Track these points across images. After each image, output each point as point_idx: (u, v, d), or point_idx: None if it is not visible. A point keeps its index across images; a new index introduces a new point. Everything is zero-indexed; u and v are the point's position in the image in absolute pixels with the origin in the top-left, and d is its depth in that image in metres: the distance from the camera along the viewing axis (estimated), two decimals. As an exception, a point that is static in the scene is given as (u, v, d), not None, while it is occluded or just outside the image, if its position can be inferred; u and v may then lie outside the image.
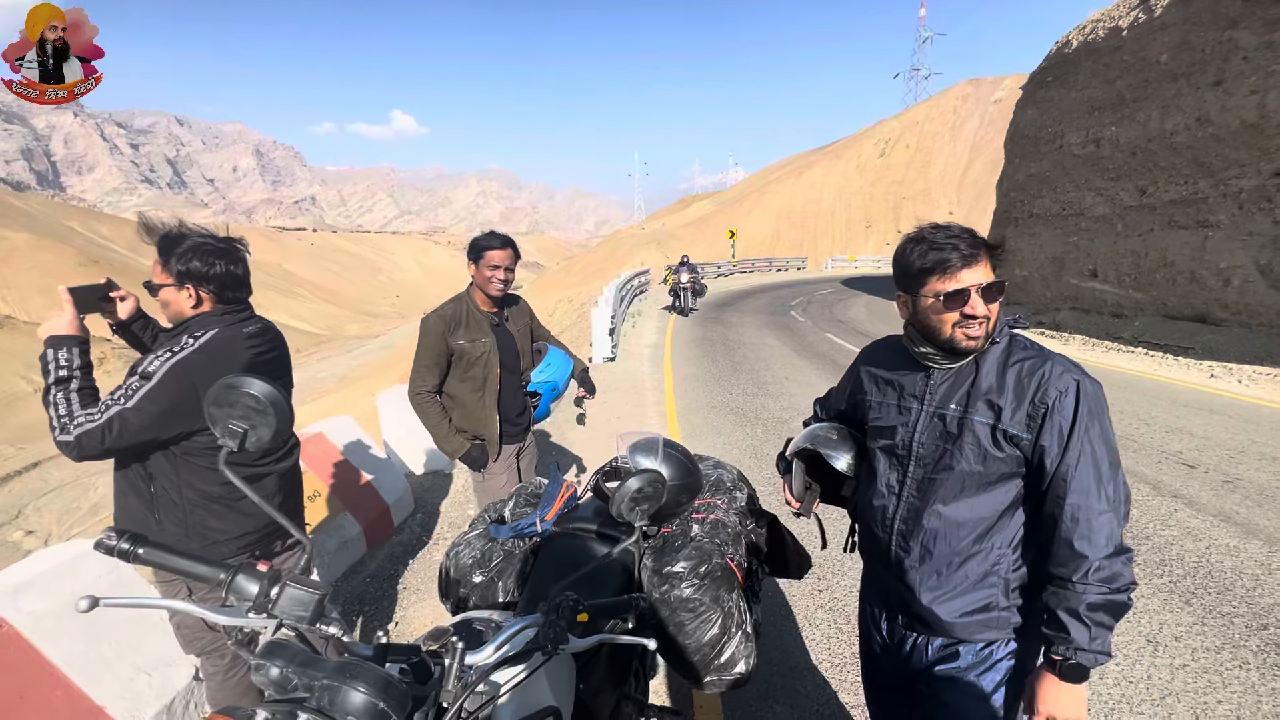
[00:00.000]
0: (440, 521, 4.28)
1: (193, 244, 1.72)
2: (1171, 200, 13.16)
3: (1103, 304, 14.96)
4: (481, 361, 2.73)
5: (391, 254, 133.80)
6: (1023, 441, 1.34)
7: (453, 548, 1.97)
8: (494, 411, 2.79)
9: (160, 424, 1.62)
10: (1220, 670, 2.70)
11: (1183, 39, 12.70)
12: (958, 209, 53.25)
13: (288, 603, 0.88)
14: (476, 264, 2.69)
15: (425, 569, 3.68)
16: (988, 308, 1.33)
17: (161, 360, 1.65)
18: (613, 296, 12.48)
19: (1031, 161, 18.22)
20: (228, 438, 1.02)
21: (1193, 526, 4.08)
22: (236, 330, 1.79)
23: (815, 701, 2.57)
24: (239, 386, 1.02)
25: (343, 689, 0.77)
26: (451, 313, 2.74)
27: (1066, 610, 1.27)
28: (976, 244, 1.33)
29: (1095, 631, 1.25)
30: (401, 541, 3.97)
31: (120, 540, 0.93)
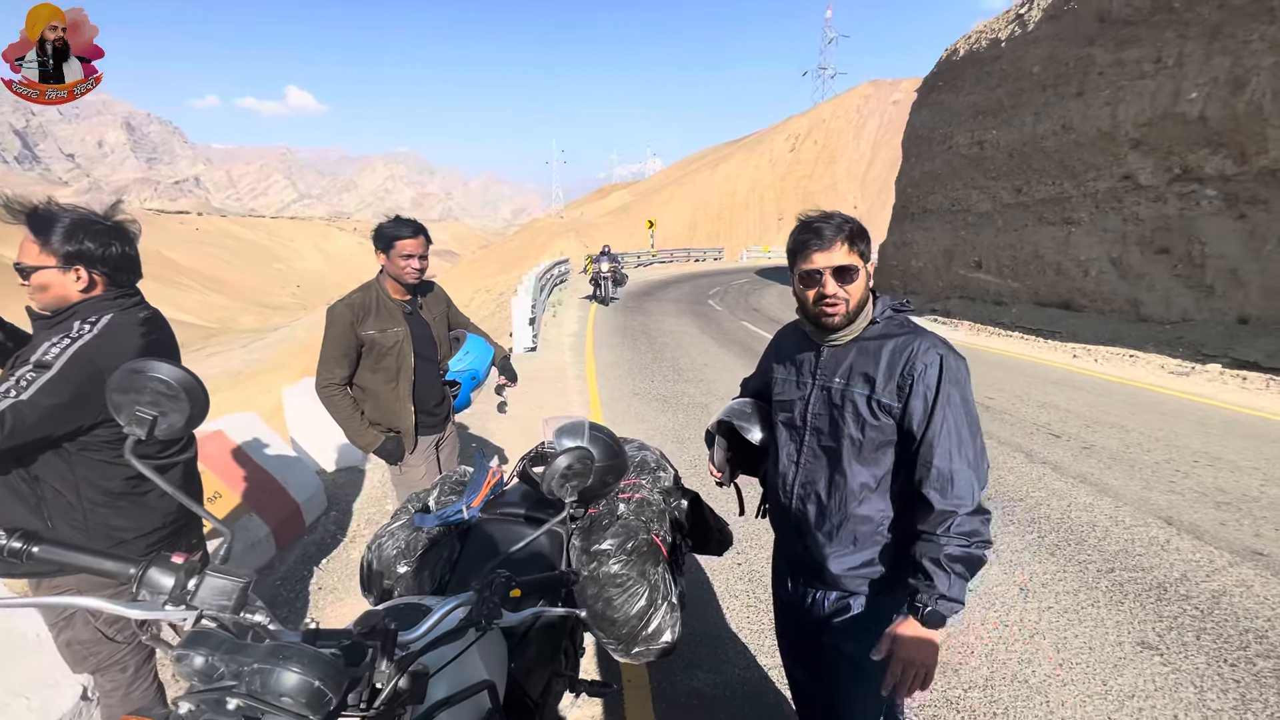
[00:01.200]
0: (355, 518, 4.12)
1: (80, 222, 1.57)
2: (1042, 199, 14.60)
3: (986, 292, 16.41)
4: (394, 351, 2.64)
5: (290, 240, 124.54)
6: (894, 410, 1.49)
7: (375, 539, 1.93)
8: (409, 403, 2.71)
9: (59, 417, 1.47)
10: (1077, 610, 3.10)
11: (1051, 53, 14.06)
12: (862, 203, 56.40)
13: (209, 592, 0.86)
14: (387, 253, 2.60)
15: (342, 567, 3.54)
16: (843, 289, 1.47)
17: (60, 348, 1.50)
18: (533, 285, 12.31)
19: (925, 160, 19.61)
20: (134, 425, 0.96)
21: (1057, 488, 4.62)
22: (132, 315, 1.65)
23: (736, 667, 2.72)
24: (146, 371, 0.96)
25: (275, 671, 0.76)
26: (360, 301, 2.63)
27: (930, 560, 1.40)
28: (840, 230, 1.47)
29: (953, 580, 1.38)
30: (314, 541, 3.78)
31: (10, 539, 0.86)
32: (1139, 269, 12.00)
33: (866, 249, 1.51)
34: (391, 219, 2.64)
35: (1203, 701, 2.48)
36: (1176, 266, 11.28)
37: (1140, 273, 11.98)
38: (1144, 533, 3.90)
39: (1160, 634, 2.90)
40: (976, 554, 1.41)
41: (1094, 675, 2.63)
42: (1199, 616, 3.03)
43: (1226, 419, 6.45)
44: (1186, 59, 10.88)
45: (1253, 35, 9.80)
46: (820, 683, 1.75)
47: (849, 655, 1.61)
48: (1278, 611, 3.05)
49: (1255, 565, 3.49)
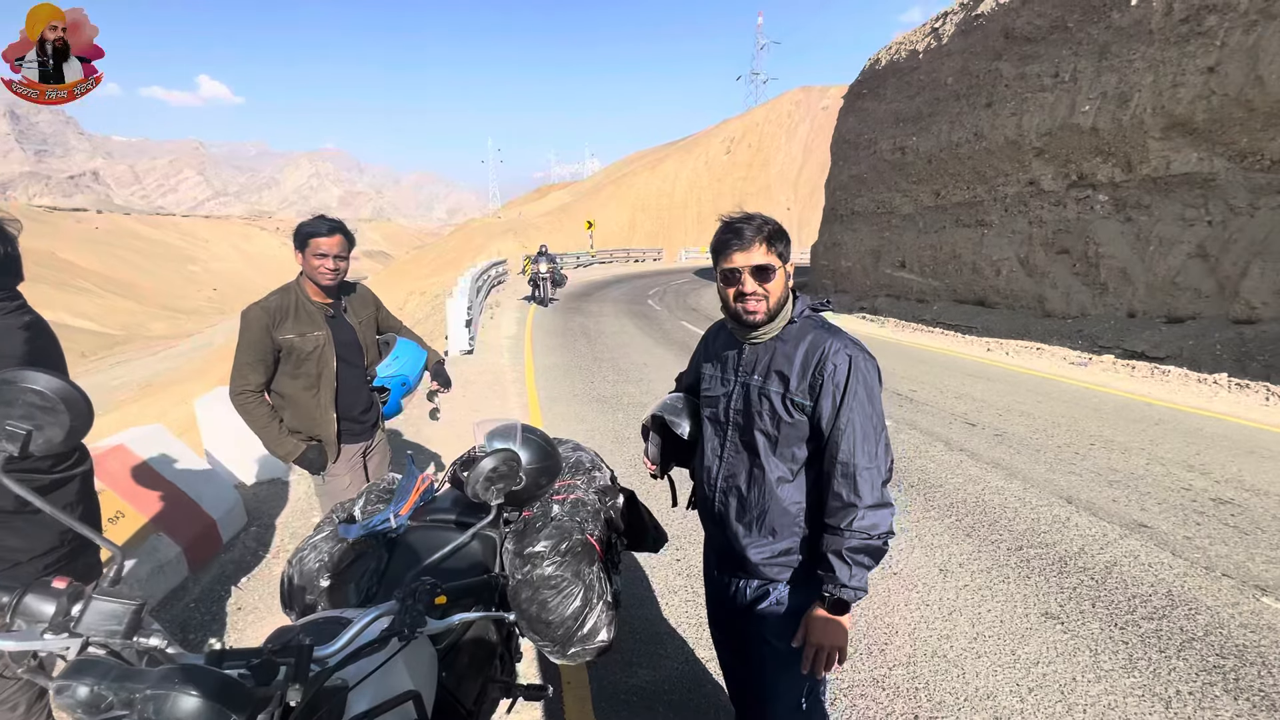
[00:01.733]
0: (279, 533, 3.91)
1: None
2: (958, 202, 15.52)
3: (910, 291, 17.29)
4: (315, 356, 2.53)
5: (205, 241, 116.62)
6: (807, 408, 1.56)
7: (296, 554, 1.85)
8: (330, 410, 2.60)
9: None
10: (990, 586, 3.33)
11: (964, 65, 14.98)
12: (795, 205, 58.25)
13: (96, 617, 0.80)
14: (303, 252, 2.48)
15: (263, 585, 3.35)
16: (762, 287, 1.54)
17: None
18: (469, 287, 12.04)
19: (852, 164, 20.46)
20: (6, 441, 0.89)
21: (974, 474, 4.93)
22: (13, 320, 1.52)
23: (675, 662, 2.76)
24: (18, 382, 0.89)
25: (171, 696, 0.72)
26: (277, 304, 2.50)
27: (834, 552, 1.50)
28: (759, 231, 1.54)
29: (855, 571, 1.48)
30: (233, 559, 3.57)
31: None
32: (1043, 268, 12.95)
33: (785, 250, 1.58)
34: (314, 217, 2.52)
35: (1097, 663, 2.71)
36: (1075, 266, 12.24)
37: (1044, 271, 12.93)
38: (1048, 512, 4.21)
39: (1061, 604, 3.15)
40: (877, 545, 1.50)
41: (1004, 646, 2.83)
42: (1094, 586, 3.31)
43: (1118, 404, 7.06)
44: (1080, 75, 11.84)
45: (1135, 55, 10.77)
46: (748, 667, 1.81)
47: (770, 640, 1.67)
48: (1160, 578, 3.37)
49: (1141, 537, 3.84)
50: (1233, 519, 4.05)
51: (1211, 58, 9.60)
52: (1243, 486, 4.58)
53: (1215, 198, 9.83)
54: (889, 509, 1.53)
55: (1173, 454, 5.32)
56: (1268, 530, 3.89)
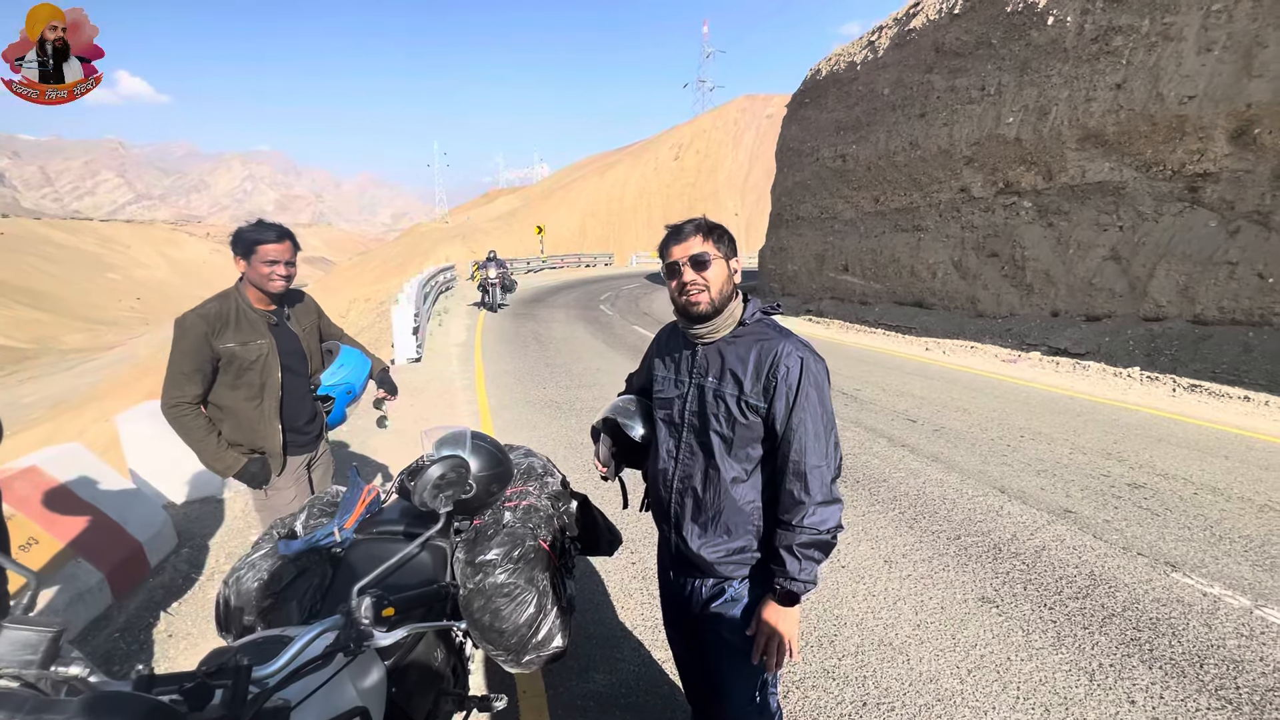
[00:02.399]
0: (214, 553, 3.71)
1: None
2: (896, 208, 16.18)
3: (853, 293, 17.89)
4: (258, 366, 2.42)
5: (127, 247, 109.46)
6: (761, 409, 1.61)
7: (232, 573, 1.77)
8: (275, 421, 2.50)
9: None
10: (931, 575, 3.48)
11: (899, 77, 15.64)
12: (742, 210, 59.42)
13: (9, 647, 0.75)
14: (248, 260, 2.37)
15: (196, 610, 3.18)
16: (700, 275, 1.60)
17: None
18: (415, 294, 11.75)
19: (796, 171, 21.04)
20: None
21: (915, 468, 5.14)
22: None
23: (631, 664, 2.77)
24: None
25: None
26: (216, 311, 2.38)
27: (784, 547, 1.56)
28: (697, 229, 1.63)
29: (805, 564, 1.55)
30: (162, 584, 3.36)
31: None
32: (975, 270, 13.64)
33: (725, 246, 1.63)
34: (253, 222, 2.42)
35: (1029, 643, 2.87)
36: (1004, 269, 12.95)
37: (976, 274, 13.62)
38: (983, 501, 4.44)
39: (996, 588, 3.32)
40: (826, 539, 1.56)
41: (945, 632, 2.96)
42: (1025, 570, 3.50)
43: (1045, 399, 7.51)
44: (1004, 88, 12.56)
45: (1052, 71, 11.50)
46: (703, 664, 1.84)
47: (725, 636, 1.71)
48: (1084, 560, 3.60)
49: (1067, 522, 4.09)
50: (1146, 502, 4.37)
51: (1119, 75, 10.36)
52: (1154, 471, 4.94)
53: (1125, 204, 10.60)
54: (838, 505, 1.59)
55: (1093, 443, 5.69)
56: (1176, 511, 4.21)
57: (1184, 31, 9.47)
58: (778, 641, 1.58)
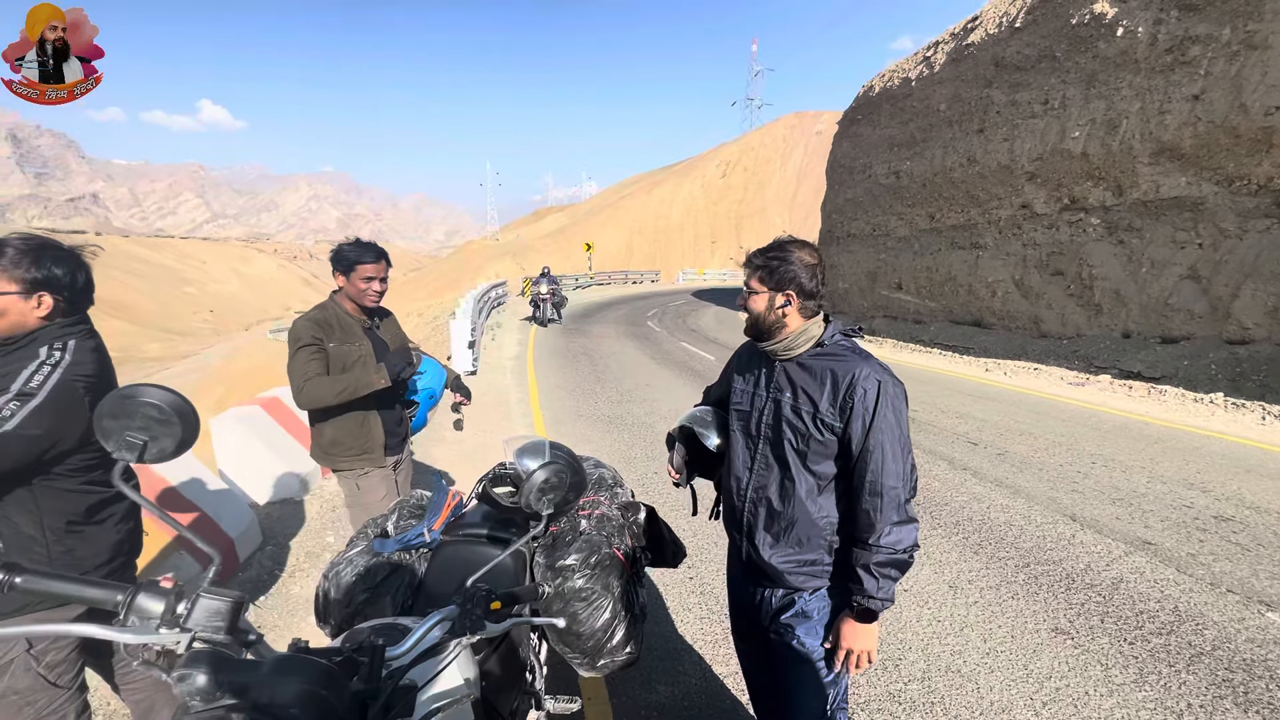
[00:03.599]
0: (294, 552, 3.93)
1: (45, 249, 1.55)
2: (953, 225, 15.80)
3: (906, 312, 17.48)
4: (358, 366, 2.62)
5: (203, 263, 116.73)
6: (836, 427, 1.65)
7: (331, 568, 1.90)
8: (376, 418, 2.68)
9: (42, 445, 1.42)
10: (1000, 603, 3.37)
11: (955, 93, 15.36)
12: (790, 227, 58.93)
13: (203, 614, 0.86)
14: (348, 276, 2.59)
15: (281, 604, 3.38)
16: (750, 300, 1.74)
17: (42, 376, 1.47)
18: (471, 308, 12.15)
19: (847, 188, 20.82)
20: (124, 450, 0.96)
21: (978, 492, 4.99)
22: (86, 343, 1.62)
23: (694, 677, 2.79)
24: (137, 396, 0.96)
25: (280, 684, 0.79)
26: (321, 318, 2.61)
27: (862, 566, 1.60)
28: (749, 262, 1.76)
29: (882, 583, 1.59)
30: (250, 578, 3.59)
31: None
32: (1038, 289, 13.15)
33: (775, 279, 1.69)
34: (352, 242, 2.63)
35: (1108, 678, 2.75)
36: (1070, 287, 12.44)
37: (1039, 293, 13.13)
38: (1053, 529, 4.27)
39: (1070, 620, 3.20)
40: (903, 559, 1.60)
41: (1016, 661, 2.87)
42: (1102, 602, 3.36)
43: (1117, 424, 7.15)
44: (1069, 102, 12.17)
45: (1122, 83, 11.09)
46: (772, 676, 1.86)
47: (796, 648, 1.73)
48: (1166, 594, 3.43)
49: (1146, 554, 3.89)
50: (1235, 536, 4.12)
51: (1196, 85, 9.90)
52: (1243, 504, 4.65)
53: (1205, 221, 10.06)
54: (914, 524, 1.62)
55: (1173, 472, 5.39)
56: (1269, 547, 3.95)
57: (1269, 39, 9.00)
58: (857, 653, 1.65)
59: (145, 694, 1.88)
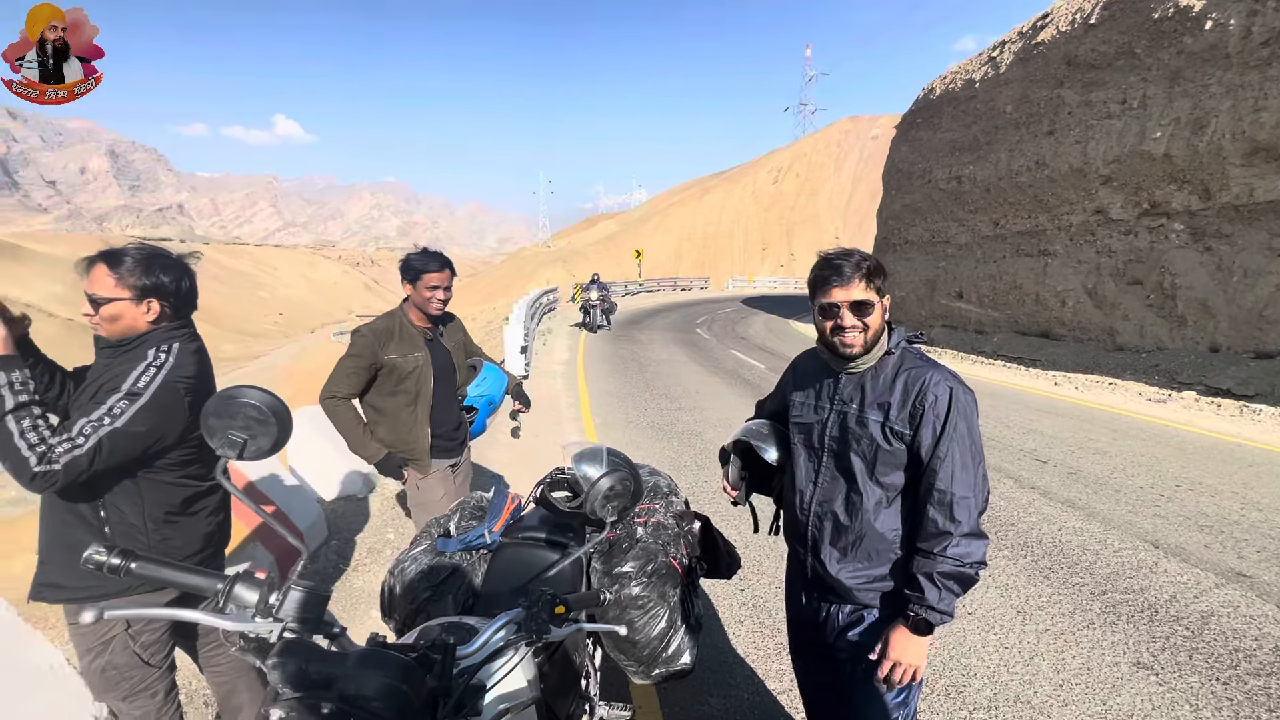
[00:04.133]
0: (358, 548, 4.09)
1: (154, 258, 1.67)
2: (1019, 231, 15.10)
3: (968, 322, 16.80)
4: (414, 375, 2.71)
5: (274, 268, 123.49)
6: (906, 436, 1.59)
7: (397, 565, 1.96)
8: (425, 425, 2.77)
9: (147, 441, 1.54)
10: (1073, 631, 3.18)
11: (1023, 93, 14.72)
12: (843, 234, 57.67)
13: (293, 605, 0.91)
14: (414, 284, 2.70)
15: (344, 597, 3.52)
16: (858, 320, 1.58)
17: (149, 377, 1.59)
18: (524, 314, 12.40)
19: (905, 194, 20.22)
20: (226, 448, 1.03)
21: (1048, 513, 4.73)
22: (193, 344, 1.75)
23: (746, 692, 2.75)
24: (239, 397, 1.03)
25: (365, 676, 0.82)
26: (384, 327, 2.71)
27: (924, 574, 1.53)
28: (858, 268, 1.59)
29: (944, 595, 1.52)
30: (316, 570, 3.76)
31: (111, 555, 0.91)
32: (1113, 299, 12.41)
33: (883, 284, 1.63)
34: (419, 251, 2.73)
35: (1199, 719, 2.55)
36: (1149, 297, 11.69)
37: (1115, 303, 12.39)
38: (1133, 556, 4.00)
39: (1154, 654, 2.98)
40: (968, 573, 1.52)
41: (1093, 695, 2.69)
42: (1190, 637, 3.12)
43: (1204, 445, 6.65)
44: (1150, 101, 11.47)
45: (1210, 80, 10.38)
46: (835, 696, 1.81)
47: (863, 667, 1.68)
48: (1264, 631, 3.15)
49: (1240, 586, 3.60)
50: (1344, 571, 3.76)
51: (1297, 82, 9.17)
52: (1354, 536, 4.24)
53: (1306, 227, 9.28)
54: (984, 540, 1.55)
55: (1270, 499, 4.97)
56: (1386, 584, 3.59)
57: (1383, 30, 8.25)
58: (902, 667, 1.57)
59: (227, 677, 1.99)
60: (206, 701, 2.58)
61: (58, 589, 1.64)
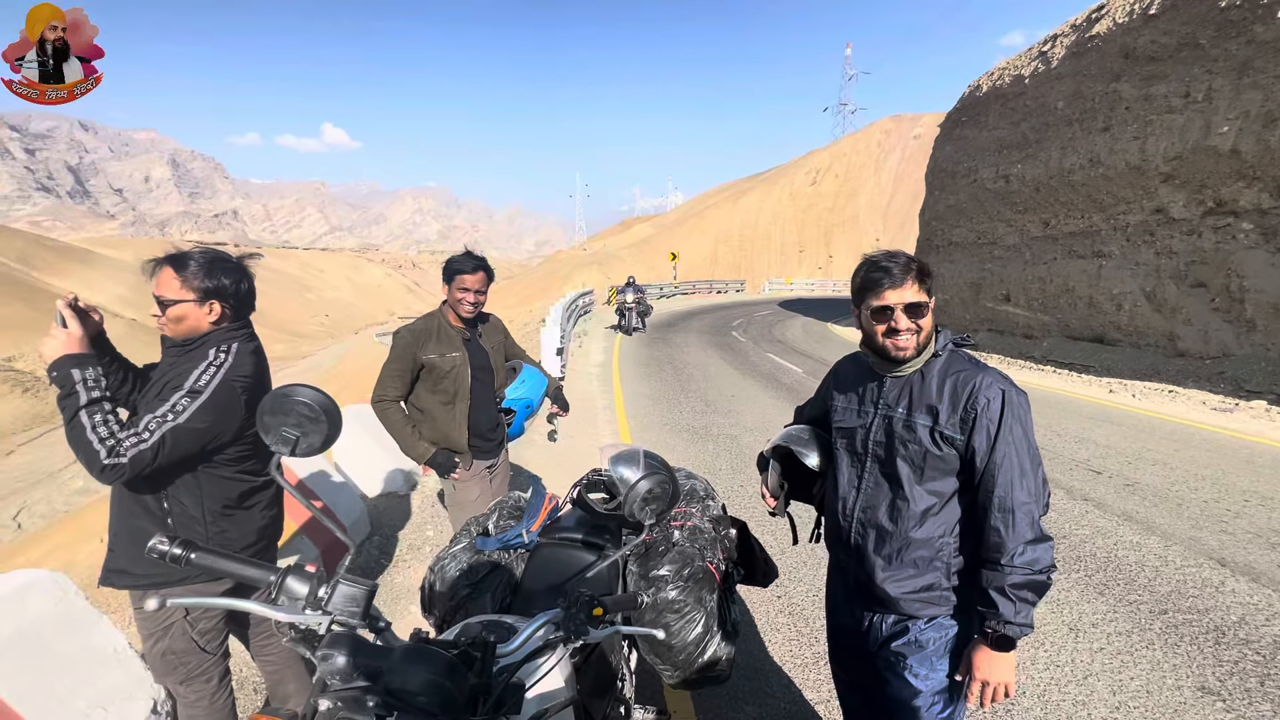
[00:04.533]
0: (400, 544, 4.19)
1: (216, 261, 1.75)
2: (1071, 232, 14.51)
3: (1015, 326, 16.22)
4: (452, 375, 2.76)
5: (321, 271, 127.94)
6: (957, 441, 1.54)
7: (437, 562, 2.00)
8: (463, 424, 2.81)
9: (206, 437, 1.63)
10: (1131, 651, 3.02)
11: (1076, 89, 14.15)
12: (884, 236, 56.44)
13: (341, 599, 0.93)
14: (449, 285, 2.74)
15: (385, 592, 3.60)
16: (913, 322, 1.54)
17: (209, 375, 1.67)
18: (560, 316, 12.52)
19: (950, 194, 19.66)
20: (280, 444, 1.06)
21: (1101, 526, 4.52)
22: (251, 344, 1.83)
23: (782, 701, 2.70)
24: (293, 395, 1.06)
25: (410, 671, 0.83)
26: (422, 327, 2.78)
27: (996, 589, 1.48)
28: (908, 269, 1.55)
29: (1019, 607, 1.46)
30: (359, 565, 3.86)
31: (173, 546, 0.95)
32: (1174, 303, 11.80)
33: (932, 285, 1.59)
34: (462, 254, 2.78)
35: (1271, 750, 2.39)
36: (1214, 300, 11.07)
37: (1176, 306, 11.77)
38: (1196, 573, 3.79)
39: (1221, 679, 2.81)
40: (1041, 579, 1.48)
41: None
42: (1261, 662, 2.93)
43: (1275, 457, 6.26)
44: (1216, 94, 10.88)
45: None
46: (877, 709, 1.76)
47: (909, 680, 1.63)
48: (1345, 658, 2.94)
49: (1317, 609, 3.37)
50: None
51: (1382, 70, 8.56)
52: None
53: (1392, 225, 8.65)
54: (1049, 543, 1.50)
55: (1351, 516, 4.64)
56: None
57: None
58: (992, 687, 1.52)
59: (277, 665, 2.06)
60: (256, 689, 2.67)
61: (125, 575, 1.72)
